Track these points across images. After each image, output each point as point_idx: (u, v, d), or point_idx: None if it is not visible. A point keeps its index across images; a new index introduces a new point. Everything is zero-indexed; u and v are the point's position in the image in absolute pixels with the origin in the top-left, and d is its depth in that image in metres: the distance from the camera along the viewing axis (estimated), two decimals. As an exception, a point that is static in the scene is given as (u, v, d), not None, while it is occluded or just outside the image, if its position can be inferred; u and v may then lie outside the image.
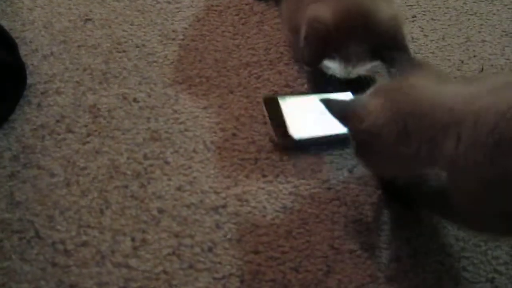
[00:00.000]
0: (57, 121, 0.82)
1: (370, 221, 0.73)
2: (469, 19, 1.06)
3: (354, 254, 0.69)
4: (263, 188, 0.76)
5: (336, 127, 0.72)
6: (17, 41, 0.92)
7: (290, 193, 0.75)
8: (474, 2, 1.10)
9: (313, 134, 0.80)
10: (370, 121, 0.65)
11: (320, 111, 0.71)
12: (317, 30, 0.81)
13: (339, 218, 0.73)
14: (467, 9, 1.09)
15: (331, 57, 0.82)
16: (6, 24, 0.96)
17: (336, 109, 0.69)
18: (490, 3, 1.10)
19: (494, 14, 1.07)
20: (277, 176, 0.77)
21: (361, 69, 0.83)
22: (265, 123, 0.83)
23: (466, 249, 0.71)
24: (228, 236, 0.70)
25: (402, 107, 0.64)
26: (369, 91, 0.69)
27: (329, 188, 0.76)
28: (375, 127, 0.65)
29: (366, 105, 0.66)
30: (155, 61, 0.93)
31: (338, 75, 0.85)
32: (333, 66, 0.83)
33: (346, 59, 0.81)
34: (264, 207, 0.73)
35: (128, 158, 0.78)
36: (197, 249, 0.69)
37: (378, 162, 0.69)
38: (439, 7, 1.09)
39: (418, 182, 0.71)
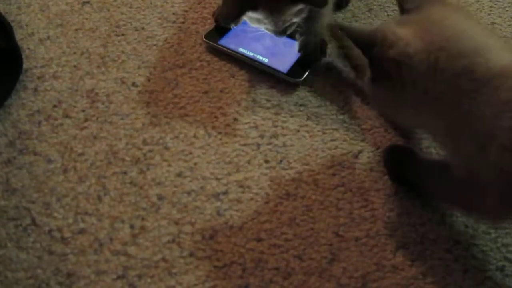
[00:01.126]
0: (54, 106, 0.80)
1: (376, 207, 0.71)
2: (478, 1, 1.03)
3: (359, 241, 0.67)
4: (265, 174, 0.73)
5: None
6: (12, 24, 0.90)
7: (293, 179, 0.73)
8: (483, -17, 1.07)
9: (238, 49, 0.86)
10: (400, 49, 0.59)
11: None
12: None
13: (344, 205, 0.71)
14: (476, -9, 1.05)
15: (253, 7, 0.77)
16: (1, 7, 0.94)
17: (360, 34, 0.63)
18: (499, -16, 1.07)
19: (504, -5, 1.04)
20: (280, 161, 0.75)
21: (289, 15, 0.79)
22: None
23: (475, 237, 0.69)
24: (230, 224, 0.68)
25: (436, 40, 0.59)
26: (395, 20, 0.64)
27: (333, 174, 0.74)
28: (404, 56, 0.59)
29: (395, 31, 0.60)
30: (154, 45, 0.90)
31: (270, 31, 0.82)
32: (260, 18, 0.79)
33: (269, 5, 0.77)
34: (267, 194, 0.71)
35: (126, 144, 0.76)
36: (197, 237, 0.67)
37: (395, 100, 0.64)
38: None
39: (437, 166, 0.68)
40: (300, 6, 0.79)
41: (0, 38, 0.84)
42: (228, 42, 0.89)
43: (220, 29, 0.90)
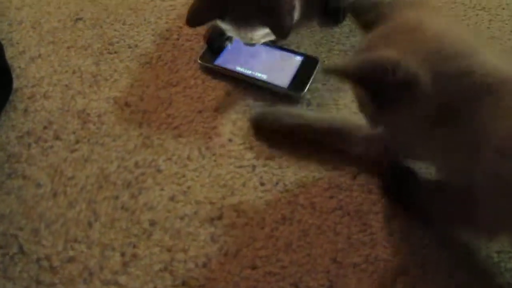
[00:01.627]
0: (44, 127, 0.78)
1: (374, 231, 0.69)
2: (477, 14, 1.01)
3: (358, 268, 0.65)
4: (261, 198, 0.71)
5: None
6: (3, 42, 0.88)
7: (289, 203, 0.71)
8: (482, -4, 1.05)
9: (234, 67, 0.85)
10: (403, 70, 0.55)
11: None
12: None
13: (341, 229, 0.69)
14: (475, 4, 1.03)
15: (220, 17, 0.76)
16: (-8, 25, 0.92)
17: (351, 72, 0.59)
18: (499, -3, 1.05)
19: (503, 9, 1.02)
20: (276, 184, 0.73)
21: (256, 36, 0.78)
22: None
23: (478, 261, 0.66)
24: (224, 250, 0.66)
25: (426, 49, 0.57)
26: (364, 43, 0.61)
27: (331, 197, 0.72)
28: (410, 75, 0.56)
29: (385, 55, 0.57)
30: (148, 62, 0.88)
31: (242, 42, 0.81)
32: (228, 29, 0.78)
33: (236, 21, 0.76)
34: (262, 218, 0.69)
35: (118, 167, 0.74)
36: (190, 265, 0.64)
37: (407, 124, 0.61)
38: (445, 2, 1.04)
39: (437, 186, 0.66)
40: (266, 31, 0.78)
41: (-11, 58, 0.82)
42: (224, 61, 0.87)
43: (214, 49, 0.88)
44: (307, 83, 0.83)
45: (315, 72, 0.85)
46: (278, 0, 0.74)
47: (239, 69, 0.86)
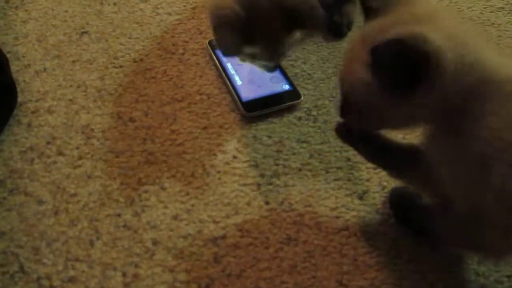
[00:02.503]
0: (48, 142, 0.77)
1: (382, 254, 0.67)
2: (486, 30, 1.00)
3: (364, 291, 0.64)
4: (265, 217, 0.70)
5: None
6: (9, 55, 0.88)
7: (295, 222, 0.70)
8: (491, 12, 1.04)
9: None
10: (435, 43, 0.51)
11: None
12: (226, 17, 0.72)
13: (348, 251, 0.67)
14: (484, 20, 1.02)
15: (249, 41, 0.73)
16: (-2, 38, 0.92)
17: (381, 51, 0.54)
18: (508, 13, 1.04)
19: (513, 24, 1.01)
20: (281, 203, 0.72)
21: (287, 47, 0.76)
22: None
23: (487, 286, 0.65)
24: (227, 271, 0.64)
25: (446, 35, 0.53)
26: (372, 27, 0.58)
27: (337, 217, 0.71)
28: (439, 50, 0.51)
29: (414, 30, 0.53)
30: (153, 77, 0.88)
31: (266, 64, 0.80)
32: (255, 52, 0.76)
33: (267, 39, 0.74)
34: (267, 238, 0.68)
35: (121, 184, 0.73)
36: (193, 286, 0.63)
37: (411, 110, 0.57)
38: (454, 17, 1.03)
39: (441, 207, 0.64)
40: (299, 35, 0.76)
41: (-6, 72, 0.82)
42: None
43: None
44: (263, 109, 0.82)
45: (283, 105, 0.82)
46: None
47: (228, 65, 0.88)
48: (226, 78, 0.86)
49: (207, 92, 0.86)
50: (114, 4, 1.01)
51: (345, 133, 0.68)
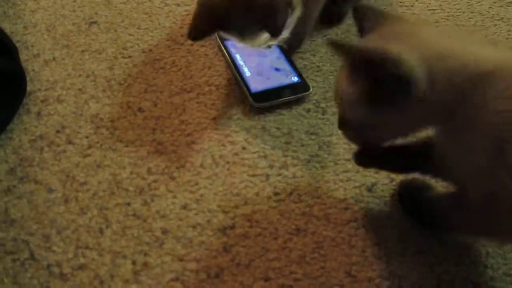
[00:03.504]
0: (57, 131, 0.77)
1: (390, 245, 0.67)
2: (495, 24, 1.00)
3: (372, 282, 0.64)
4: (274, 208, 0.70)
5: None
6: (18, 45, 0.88)
7: (304, 214, 0.70)
8: (500, 6, 1.04)
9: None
10: (406, 65, 0.54)
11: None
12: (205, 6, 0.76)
13: (356, 242, 0.67)
14: (493, 14, 1.02)
15: (223, 29, 0.78)
16: (7, 27, 0.92)
17: (357, 52, 0.58)
18: (518, 8, 1.04)
19: (522, 19, 1.01)
20: (290, 194, 0.72)
21: (263, 39, 0.79)
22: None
23: (495, 279, 0.65)
24: (236, 261, 0.65)
25: (427, 49, 0.57)
26: (363, 42, 0.61)
27: (346, 208, 0.71)
28: (411, 71, 0.54)
29: (393, 48, 0.56)
30: (162, 68, 0.88)
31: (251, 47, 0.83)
32: (233, 38, 0.80)
33: (238, 30, 0.78)
34: (276, 229, 0.68)
35: (131, 173, 0.73)
36: (202, 275, 0.63)
37: (398, 121, 0.60)
38: (463, 12, 1.02)
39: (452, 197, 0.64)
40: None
41: (4, 60, 0.82)
42: (232, 45, 0.89)
43: None
44: (273, 100, 0.82)
45: (289, 97, 0.83)
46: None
47: (237, 56, 0.88)
48: (234, 69, 0.86)
49: (216, 83, 0.86)
50: (123, -6, 1.01)
51: (363, 159, 0.70)
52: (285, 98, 0.83)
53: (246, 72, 0.85)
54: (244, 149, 0.77)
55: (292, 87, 0.84)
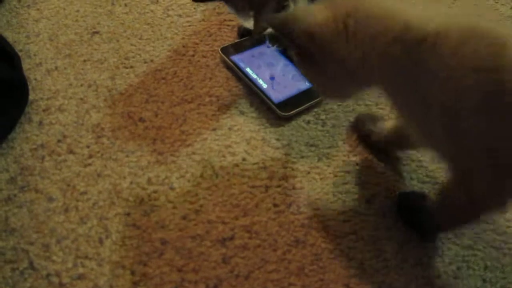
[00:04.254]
0: (58, 140, 0.78)
1: (388, 258, 0.68)
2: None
3: (371, 295, 0.64)
4: (274, 219, 0.70)
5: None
6: (20, 54, 0.88)
7: (303, 225, 0.70)
8: None
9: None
10: (308, 22, 0.61)
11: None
12: None
13: (355, 254, 0.68)
14: None
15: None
16: (10, 36, 0.93)
17: (275, 20, 0.66)
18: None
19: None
20: (289, 206, 0.72)
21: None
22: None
23: (494, 292, 0.65)
24: (235, 272, 0.65)
25: (341, 8, 0.60)
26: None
27: (345, 221, 0.71)
28: (312, 27, 0.61)
29: (305, 9, 0.64)
30: (163, 78, 0.88)
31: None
32: (231, 11, 0.85)
33: (234, 7, 0.83)
34: (275, 240, 0.68)
35: (131, 183, 0.73)
36: (201, 286, 0.64)
37: (324, 74, 0.65)
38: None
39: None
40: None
41: (6, 69, 0.82)
42: (239, 59, 0.90)
43: (238, 46, 0.92)
44: (297, 108, 0.83)
45: (312, 102, 0.84)
46: None
47: (248, 70, 0.88)
48: (250, 84, 0.86)
49: (217, 94, 0.86)
50: (125, 5, 1.02)
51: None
52: (308, 104, 0.84)
53: (263, 85, 0.86)
54: (244, 160, 0.77)
55: (310, 92, 0.86)
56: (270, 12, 0.82)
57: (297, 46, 0.64)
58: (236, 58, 0.90)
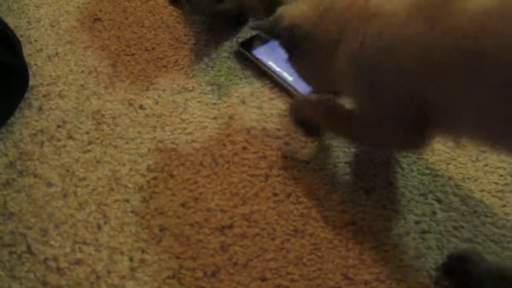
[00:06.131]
0: (58, 126, 0.78)
1: (387, 249, 0.67)
2: None
3: (369, 285, 0.64)
4: (273, 208, 0.70)
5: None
6: (21, 39, 0.88)
7: (302, 215, 0.70)
8: None
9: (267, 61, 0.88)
10: (289, 17, 0.68)
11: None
12: None
13: (354, 245, 0.67)
14: None
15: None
16: (11, 22, 0.92)
17: (262, 24, 0.73)
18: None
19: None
20: (289, 195, 0.72)
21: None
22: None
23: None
24: (233, 260, 0.65)
25: (316, 3, 0.67)
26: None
27: (344, 211, 0.71)
28: (292, 20, 0.67)
29: (287, 7, 0.71)
30: (164, 66, 0.88)
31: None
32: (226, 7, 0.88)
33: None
34: (274, 229, 0.68)
35: (130, 170, 0.73)
36: (199, 273, 0.63)
37: (307, 65, 0.71)
38: None
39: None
40: None
41: (7, 54, 0.82)
42: (261, 53, 0.89)
43: (257, 40, 0.91)
44: None
45: None
46: None
47: (270, 63, 0.87)
48: (275, 77, 0.86)
49: (218, 83, 0.86)
50: (127, -8, 1.02)
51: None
52: None
53: (288, 77, 0.85)
54: (244, 149, 0.77)
55: None
56: None
57: (284, 43, 0.70)
58: (257, 52, 0.89)
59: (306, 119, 0.79)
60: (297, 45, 0.68)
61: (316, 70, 0.70)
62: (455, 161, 0.78)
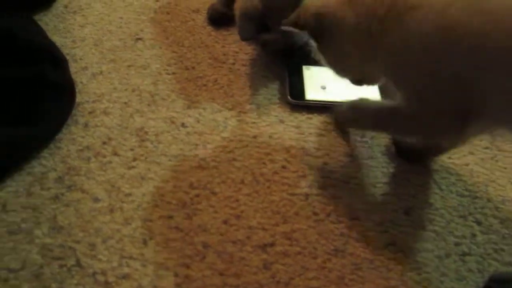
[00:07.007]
0: (104, 143, 0.80)
1: (429, 271, 0.68)
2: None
3: (410, 307, 0.64)
4: (313, 227, 0.71)
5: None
6: (67, 58, 0.91)
7: (342, 234, 0.71)
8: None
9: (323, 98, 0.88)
10: (315, 6, 0.70)
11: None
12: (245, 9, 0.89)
13: (395, 266, 0.68)
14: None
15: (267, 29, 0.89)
16: (57, 40, 0.96)
17: (290, 19, 0.73)
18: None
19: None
20: (329, 215, 0.73)
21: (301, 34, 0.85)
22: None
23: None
24: (276, 278, 0.66)
25: None
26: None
27: (384, 231, 0.71)
28: (320, 8, 0.69)
29: (305, 7, 0.72)
30: (204, 85, 0.90)
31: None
32: (272, 38, 0.90)
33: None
34: (315, 248, 0.69)
35: (174, 187, 0.75)
36: (242, 290, 0.65)
37: (333, 53, 0.73)
38: None
39: None
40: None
41: (55, 72, 0.85)
42: (313, 94, 0.88)
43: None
44: None
45: None
46: None
47: (330, 97, 0.87)
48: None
49: (257, 102, 0.88)
50: (167, 13, 1.05)
51: None
52: None
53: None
54: (284, 168, 0.78)
55: None
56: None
57: (312, 32, 0.71)
58: (310, 96, 0.88)
59: (351, 124, 0.82)
60: (324, 34, 0.70)
61: (346, 58, 0.72)
62: (494, 183, 0.78)
